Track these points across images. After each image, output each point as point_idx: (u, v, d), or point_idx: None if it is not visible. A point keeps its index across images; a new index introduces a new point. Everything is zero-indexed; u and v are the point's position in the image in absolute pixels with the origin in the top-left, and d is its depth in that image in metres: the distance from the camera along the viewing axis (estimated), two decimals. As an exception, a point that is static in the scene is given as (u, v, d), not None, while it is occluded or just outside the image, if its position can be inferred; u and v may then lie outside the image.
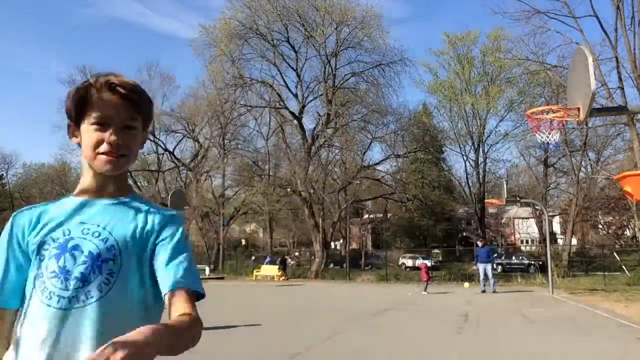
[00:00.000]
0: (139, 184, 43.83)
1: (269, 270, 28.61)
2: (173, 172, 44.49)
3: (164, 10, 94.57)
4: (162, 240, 1.17)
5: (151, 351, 0.86)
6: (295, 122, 35.42)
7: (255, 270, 29.38)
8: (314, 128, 35.92)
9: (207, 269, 31.48)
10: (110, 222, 1.15)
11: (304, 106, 35.56)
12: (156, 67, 62.92)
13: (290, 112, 35.49)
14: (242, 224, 52.25)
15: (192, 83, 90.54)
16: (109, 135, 1.13)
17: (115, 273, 1.10)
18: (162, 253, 1.15)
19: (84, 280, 1.07)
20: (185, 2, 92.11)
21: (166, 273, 1.13)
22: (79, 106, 1.15)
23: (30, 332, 1.06)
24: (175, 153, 43.29)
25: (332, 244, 45.73)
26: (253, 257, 43.21)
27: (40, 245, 1.11)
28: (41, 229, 1.14)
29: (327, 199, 34.64)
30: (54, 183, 55.42)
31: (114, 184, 1.21)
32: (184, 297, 1.13)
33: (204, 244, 42.49)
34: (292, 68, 35.36)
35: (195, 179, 40.39)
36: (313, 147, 34.58)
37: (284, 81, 35.60)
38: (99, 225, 1.14)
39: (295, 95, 35.80)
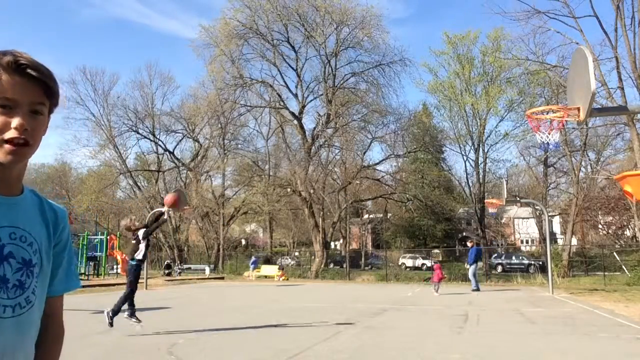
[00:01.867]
0: (139, 184, 43.85)
1: (268, 270, 28.69)
2: (173, 172, 44.50)
3: (165, 10, 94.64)
4: (59, 242, 1.21)
5: None
6: (295, 122, 35.43)
7: (255, 271, 29.41)
8: (314, 128, 35.94)
9: (207, 269, 31.50)
10: (29, 224, 1.13)
11: (304, 106, 35.57)
12: (156, 67, 63.18)
13: (290, 112, 35.51)
14: (242, 224, 52.28)
15: (192, 83, 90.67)
16: (16, 120, 1.02)
17: (38, 275, 1.13)
18: (59, 255, 1.21)
19: (22, 287, 1.08)
20: (186, 2, 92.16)
21: (58, 276, 1.21)
22: None
23: None
24: (175, 153, 43.34)
25: (332, 244, 45.74)
26: (253, 257, 43.18)
27: None
28: None
29: (327, 199, 34.66)
30: (54, 183, 55.44)
31: (16, 176, 1.10)
32: (61, 301, 1.26)
33: (204, 244, 42.50)
34: (292, 68, 35.41)
35: (195, 179, 40.40)
36: (313, 147, 34.59)
37: (284, 81, 35.64)
38: (24, 230, 1.11)
39: (295, 95, 35.84)
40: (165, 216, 8.73)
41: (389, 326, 9.01)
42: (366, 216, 55.68)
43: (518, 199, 25.65)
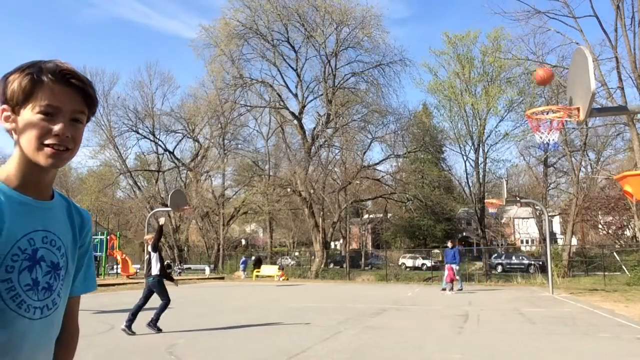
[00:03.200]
0: (139, 184, 43.84)
1: (268, 270, 28.69)
2: (173, 172, 44.49)
3: (166, 10, 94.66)
4: (82, 245, 1.28)
5: None
6: (295, 122, 35.43)
7: (255, 270, 29.42)
8: (314, 128, 35.94)
9: (207, 269, 31.49)
10: (59, 228, 1.18)
11: (304, 106, 35.57)
12: (156, 67, 63.19)
13: (290, 112, 35.51)
14: (242, 224, 52.29)
15: (192, 83, 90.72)
16: (58, 127, 1.07)
17: (64, 278, 1.18)
18: (81, 258, 1.28)
19: (50, 290, 1.13)
20: (188, 2, 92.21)
21: (79, 278, 1.28)
22: (28, 91, 1.07)
23: (12, 347, 1.05)
24: (175, 153, 43.33)
25: (332, 244, 45.73)
26: (253, 257, 43.10)
27: (7, 256, 1.05)
28: (5, 235, 1.05)
29: (327, 199, 34.65)
30: (54, 183, 55.38)
31: (50, 180, 1.17)
32: (79, 301, 1.32)
33: (204, 244, 42.49)
34: (292, 68, 35.41)
35: (195, 179, 40.40)
36: (313, 147, 34.59)
37: (284, 81, 35.65)
38: (54, 234, 1.16)
39: (295, 95, 35.84)
40: (162, 222, 8.68)
41: (389, 326, 9.01)
42: (366, 216, 55.68)
43: (518, 199, 25.65)
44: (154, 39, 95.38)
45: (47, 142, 1.07)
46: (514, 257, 35.14)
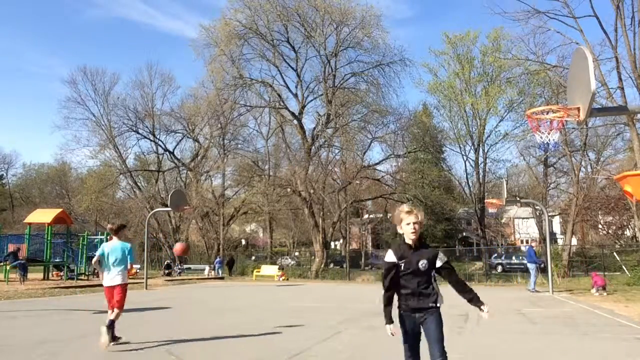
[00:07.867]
0: (139, 184, 43.82)
1: (268, 270, 28.68)
2: (173, 172, 44.49)
3: (169, 10, 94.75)
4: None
5: None
6: (295, 122, 35.43)
7: (255, 270, 29.42)
8: (314, 128, 35.93)
9: (207, 269, 31.45)
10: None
11: (304, 106, 35.57)
12: (156, 67, 63.11)
13: (290, 112, 35.51)
14: (242, 224, 52.28)
15: (192, 83, 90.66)
16: None
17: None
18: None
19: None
20: (190, 2, 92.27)
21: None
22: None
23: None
24: (175, 153, 43.34)
25: (332, 244, 45.72)
26: (253, 257, 43.15)
27: None
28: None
29: (327, 199, 34.66)
30: (54, 183, 55.46)
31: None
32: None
33: (204, 244, 42.48)
34: (292, 68, 35.41)
35: (195, 179, 40.40)
36: (313, 147, 34.59)
37: (284, 81, 35.65)
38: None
39: (295, 95, 35.85)
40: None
41: (389, 326, 9.00)
42: (366, 216, 55.68)
43: (518, 199, 25.64)
44: (154, 38, 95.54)
45: None
46: (514, 257, 35.14)
